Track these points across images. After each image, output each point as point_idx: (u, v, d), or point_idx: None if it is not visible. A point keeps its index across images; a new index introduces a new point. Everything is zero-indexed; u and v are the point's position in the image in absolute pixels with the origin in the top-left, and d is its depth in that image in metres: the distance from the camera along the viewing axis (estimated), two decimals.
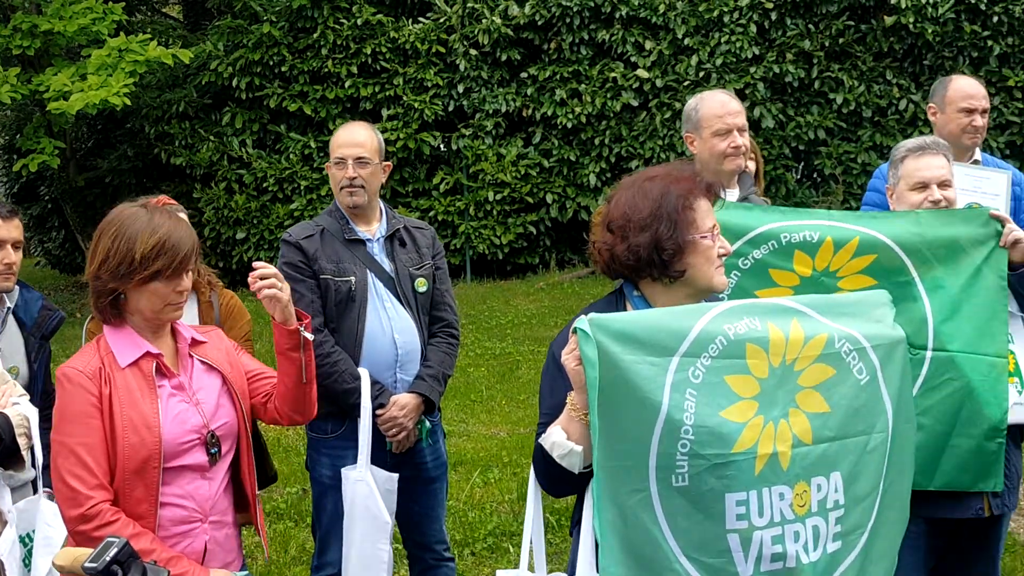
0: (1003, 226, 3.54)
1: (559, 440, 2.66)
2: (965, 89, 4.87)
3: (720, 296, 3.26)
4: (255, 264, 3.21)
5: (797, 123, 13.70)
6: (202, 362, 3.19)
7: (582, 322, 2.53)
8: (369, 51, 14.19)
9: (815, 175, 14.32)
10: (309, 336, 3.22)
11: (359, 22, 14.15)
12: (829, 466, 2.73)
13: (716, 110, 4.31)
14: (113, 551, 2.40)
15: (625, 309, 2.89)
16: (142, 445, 2.92)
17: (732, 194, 4.29)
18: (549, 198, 14.20)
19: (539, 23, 14.08)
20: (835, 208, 12.75)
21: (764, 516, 2.62)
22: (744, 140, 4.33)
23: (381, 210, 4.40)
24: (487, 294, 13.46)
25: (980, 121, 4.82)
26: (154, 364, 3.03)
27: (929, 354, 3.56)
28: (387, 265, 4.29)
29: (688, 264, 2.79)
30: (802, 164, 14.32)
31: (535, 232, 14.42)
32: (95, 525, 2.85)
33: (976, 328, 3.54)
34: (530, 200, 14.25)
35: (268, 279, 3.14)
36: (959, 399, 3.54)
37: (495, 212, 14.26)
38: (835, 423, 2.74)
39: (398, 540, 4.65)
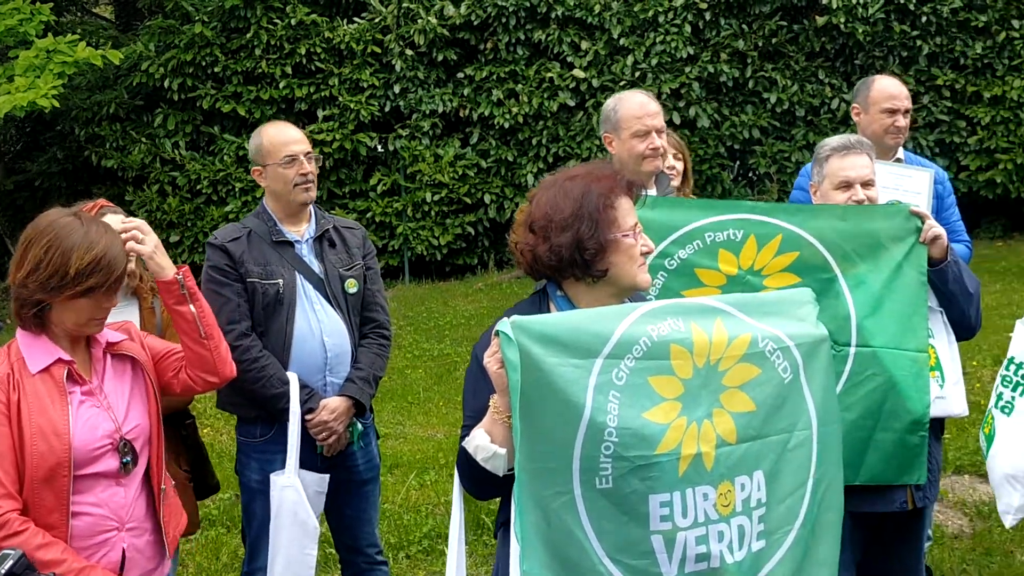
0: (923, 222, 3.60)
1: (482, 443, 2.65)
2: (888, 90, 4.93)
3: (647, 296, 3.27)
4: (121, 221, 3.16)
5: (732, 122, 13.82)
6: (117, 356, 3.12)
7: (504, 324, 2.52)
8: (303, 51, 14.06)
9: (750, 174, 14.46)
10: (185, 285, 3.19)
11: (293, 22, 14.01)
12: (752, 465, 2.75)
13: (635, 111, 4.33)
14: (8, 563, 2.34)
15: (549, 309, 2.88)
16: (51, 453, 2.86)
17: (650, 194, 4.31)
18: (487, 198, 14.18)
19: (475, 23, 14.05)
20: None
21: (688, 517, 2.63)
22: (662, 141, 4.36)
23: (310, 210, 4.35)
24: (425, 295, 13.41)
25: (903, 121, 4.89)
26: (65, 370, 2.96)
27: (852, 350, 3.60)
28: (316, 266, 4.24)
29: (611, 263, 2.79)
30: (737, 163, 14.44)
31: (473, 233, 14.39)
32: (2, 535, 2.77)
33: (898, 324, 3.59)
34: (468, 201, 14.22)
35: (130, 231, 3.10)
36: (882, 394, 3.60)
37: (433, 213, 14.21)
38: (758, 422, 2.76)
39: (330, 544, 4.61)
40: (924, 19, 13.41)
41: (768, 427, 2.78)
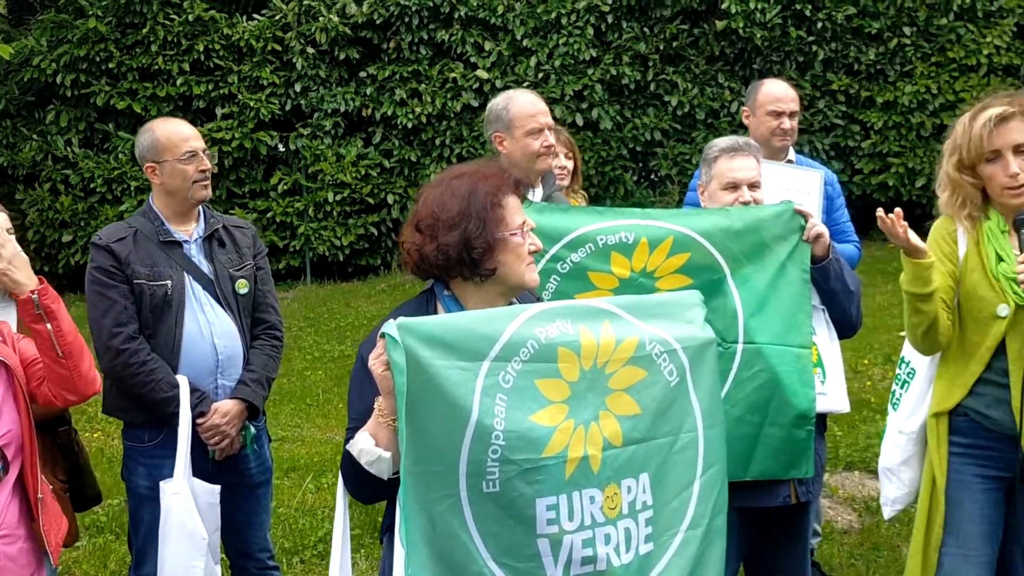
0: (806, 221, 3.67)
1: (367, 447, 2.61)
2: (773, 93, 5.03)
3: (541, 299, 3.28)
4: None
5: (634, 124, 13.96)
6: None
7: (390, 326, 2.48)
8: (202, 48, 13.78)
9: (652, 175, 14.63)
10: (40, 304, 3.09)
11: (190, 18, 13.73)
12: (638, 468, 2.76)
13: (528, 109, 4.35)
14: None
15: (436, 310, 2.86)
16: None
17: (536, 193, 4.33)
18: (390, 199, 14.08)
19: (377, 22, 13.96)
20: (672, 208, 13.04)
21: (574, 520, 2.63)
22: (553, 139, 4.39)
23: (199, 210, 4.25)
24: (328, 296, 13.26)
25: (788, 123, 4.98)
26: None
27: (740, 347, 3.66)
28: (205, 267, 4.16)
29: (499, 262, 2.78)
30: (640, 165, 14.60)
31: (376, 233, 14.27)
32: None
33: (782, 321, 3.66)
34: (371, 201, 14.10)
35: None
36: (769, 390, 3.65)
37: (335, 213, 14.06)
38: (644, 425, 2.77)
39: (221, 549, 4.51)
40: (820, 25, 13.72)
41: (654, 430, 2.80)
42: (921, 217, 13.93)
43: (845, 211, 5.17)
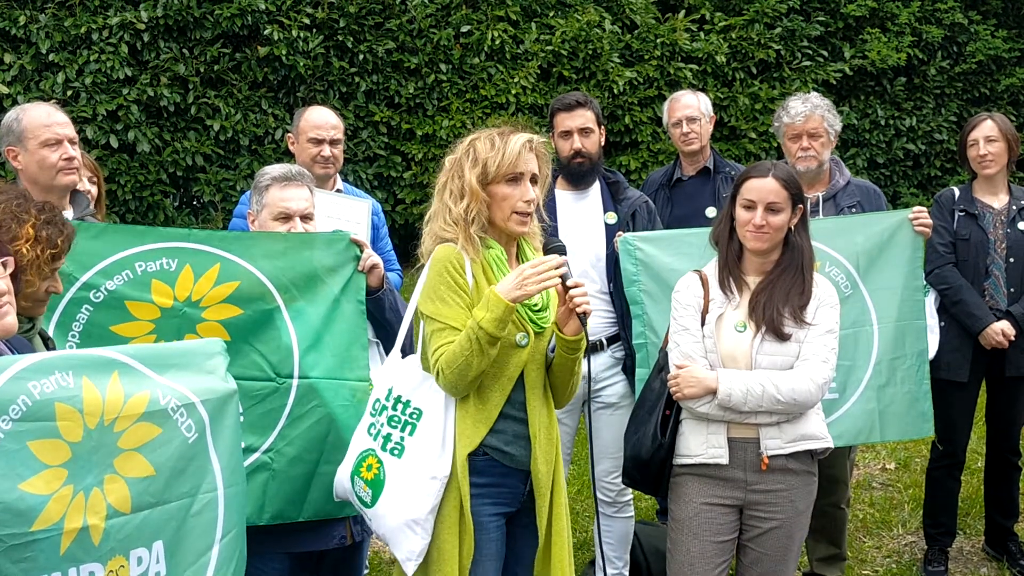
0: (361, 251, 3.62)
1: None
2: (313, 120, 5.00)
3: (71, 335, 3.00)
4: None
5: (174, 148, 13.38)
6: None
7: None
8: None
9: (195, 202, 14.10)
10: None
11: None
12: (151, 535, 2.55)
13: (42, 119, 4.01)
14: None
15: None
16: None
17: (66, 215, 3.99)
18: None
19: None
20: None
21: None
22: (76, 152, 4.08)
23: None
24: None
25: (329, 150, 4.95)
26: None
27: (295, 382, 3.54)
28: None
29: None
30: (181, 190, 14.03)
31: None
32: None
33: (337, 354, 3.60)
34: None
35: None
36: (325, 426, 3.57)
37: None
38: (158, 487, 2.58)
39: None
40: (361, 57, 13.96)
41: (169, 492, 2.61)
42: None
43: (389, 240, 5.24)
